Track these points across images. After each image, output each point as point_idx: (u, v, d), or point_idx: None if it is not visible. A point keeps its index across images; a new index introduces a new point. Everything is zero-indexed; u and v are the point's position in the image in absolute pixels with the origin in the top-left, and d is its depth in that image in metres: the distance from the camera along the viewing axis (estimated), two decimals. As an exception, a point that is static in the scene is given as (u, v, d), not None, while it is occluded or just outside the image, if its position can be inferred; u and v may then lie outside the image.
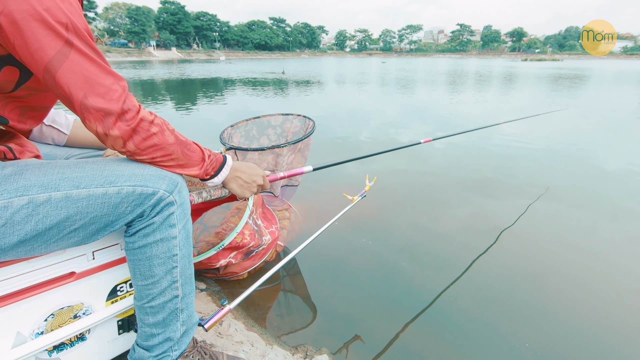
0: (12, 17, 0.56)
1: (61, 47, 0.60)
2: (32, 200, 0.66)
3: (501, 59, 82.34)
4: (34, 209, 0.66)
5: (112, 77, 0.67)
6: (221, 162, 0.90)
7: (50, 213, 0.68)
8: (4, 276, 0.74)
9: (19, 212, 0.65)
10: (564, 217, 2.48)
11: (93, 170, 0.73)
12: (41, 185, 0.68)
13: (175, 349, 0.89)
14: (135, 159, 0.77)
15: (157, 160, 0.78)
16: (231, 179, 0.94)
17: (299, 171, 1.20)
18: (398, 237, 2.20)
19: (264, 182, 1.01)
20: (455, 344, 1.35)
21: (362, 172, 3.37)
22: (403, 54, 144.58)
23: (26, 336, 0.80)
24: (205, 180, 0.89)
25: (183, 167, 0.82)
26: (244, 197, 0.98)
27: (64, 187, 0.69)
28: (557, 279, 1.79)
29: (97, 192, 0.72)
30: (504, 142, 4.55)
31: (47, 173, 0.70)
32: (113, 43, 69.80)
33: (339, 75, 20.16)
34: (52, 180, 0.69)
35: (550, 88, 12.56)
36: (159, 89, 11.75)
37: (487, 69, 28.25)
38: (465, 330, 1.42)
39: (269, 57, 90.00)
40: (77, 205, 0.70)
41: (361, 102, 8.78)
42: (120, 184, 0.74)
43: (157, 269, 0.82)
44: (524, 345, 1.34)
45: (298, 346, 1.30)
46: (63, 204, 0.69)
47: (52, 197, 0.68)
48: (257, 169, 0.99)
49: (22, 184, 0.66)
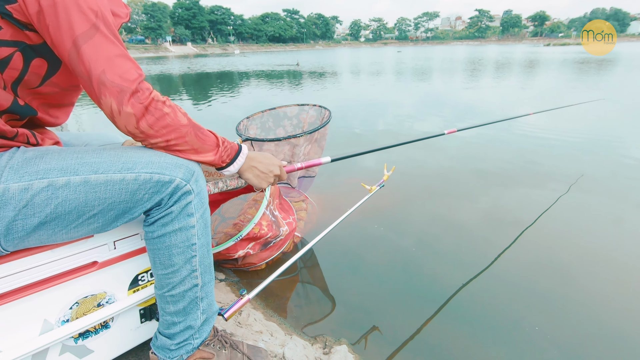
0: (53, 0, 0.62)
1: (89, 28, 0.65)
2: (51, 183, 0.67)
3: (522, 45, 79.48)
4: (54, 192, 0.68)
5: (131, 63, 0.70)
6: (236, 150, 0.89)
7: (69, 197, 0.69)
8: (30, 265, 0.76)
9: (39, 194, 0.67)
10: (591, 209, 2.38)
11: (111, 157, 0.74)
12: (61, 169, 0.69)
13: (196, 337, 0.90)
14: (149, 143, 0.77)
15: (171, 144, 0.77)
16: (247, 169, 0.93)
17: (317, 162, 1.18)
18: (417, 228, 2.16)
19: (280, 172, 0.99)
20: (473, 337, 1.32)
21: (379, 164, 3.33)
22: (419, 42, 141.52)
23: (53, 323, 0.83)
24: (221, 169, 0.89)
25: (198, 151, 0.81)
26: (261, 187, 0.97)
27: (82, 171, 0.70)
28: (583, 272, 1.72)
29: (115, 177, 0.72)
30: (526, 132, 4.38)
31: (66, 158, 0.71)
32: (131, 40, 71.05)
33: (354, 65, 19.93)
34: (71, 164, 0.70)
35: (575, 74, 12.05)
36: (175, 84, 11.92)
37: (507, 56, 27.32)
38: (485, 323, 1.39)
39: (283, 49, 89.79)
40: (95, 190, 0.71)
41: (377, 93, 8.65)
42: (138, 171, 0.74)
43: (177, 258, 0.82)
44: (546, 339, 1.30)
45: (317, 336, 1.30)
46: (82, 188, 0.70)
47: (71, 181, 0.69)
48: (273, 159, 0.98)
49: (43, 167, 0.68)
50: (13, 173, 0.66)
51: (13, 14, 0.62)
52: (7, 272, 0.73)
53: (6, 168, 0.66)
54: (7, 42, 0.64)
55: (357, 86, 10.21)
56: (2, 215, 0.65)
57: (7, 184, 0.65)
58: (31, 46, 0.67)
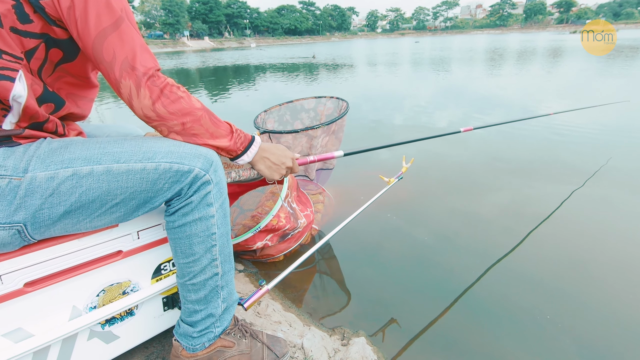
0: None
1: (115, 20, 0.70)
2: (76, 172, 0.70)
3: (546, 33, 76.45)
4: (78, 181, 0.70)
5: (150, 54, 0.75)
6: (250, 140, 0.90)
7: (92, 185, 0.71)
8: (59, 253, 0.79)
9: (64, 183, 0.69)
10: (612, 203, 2.28)
11: (132, 147, 0.76)
12: (84, 158, 0.71)
13: (217, 326, 0.92)
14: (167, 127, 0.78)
15: (187, 127, 0.79)
16: (259, 160, 0.93)
17: (330, 155, 1.17)
18: (434, 221, 2.13)
19: (293, 164, 0.99)
20: (490, 330, 1.30)
21: (396, 156, 3.28)
22: (438, 32, 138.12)
23: (81, 310, 0.86)
24: (235, 159, 0.89)
25: (214, 136, 0.82)
26: (273, 179, 0.97)
27: (105, 161, 0.72)
28: (602, 267, 1.65)
29: (136, 167, 0.74)
30: (546, 124, 4.22)
31: (89, 148, 0.73)
32: (149, 35, 72.28)
33: (370, 57, 19.66)
34: (94, 154, 0.72)
35: (603, 63, 11.51)
36: (193, 78, 12.07)
37: (531, 45, 26.34)
38: (502, 316, 1.36)
39: (299, 42, 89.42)
40: (117, 179, 0.73)
41: (394, 85, 8.52)
42: (158, 160, 0.76)
43: (197, 247, 0.84)
44: (563, 332, 1.26)
45: (335, 328, 1.30)
46: (104, 177, 0.72)
47: (94, 170, 0.71)
48: (286, 150, 0.98)
49: (67, 157, 0.71)
50: (40, 162, 0.68)
51: (46, 8, 0.67)
52: (38, 260, 0.76)
53: (33, 157, 0.68)
54: (35, 35, 0.69)
55: (373, 78, 10.07)
56: (30, 203, 0.67)
57: (34, 173, 0.67)
58: (54, 39, 0.72)
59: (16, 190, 0.66)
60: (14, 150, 0.68)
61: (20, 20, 0.67)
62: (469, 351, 1.22)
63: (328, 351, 1.15)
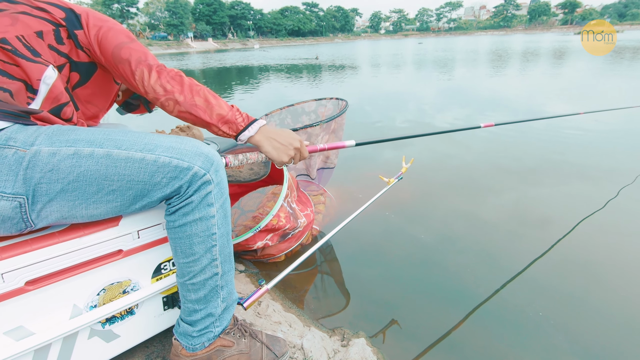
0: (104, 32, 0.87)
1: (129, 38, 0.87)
2: (77, 151, 0.73)
3: (551, 34, 76.05)
4: (78, 160, 0.73)
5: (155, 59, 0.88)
6: (252, 119, 0.93)
7: (91, 167, 0.74)
8: (60, 252, 0.79)
9: (65, 160, 0.72)
10: (621, 207, 2.26)
11: (135, 137, 0.79)
12: (88, 140, 0.75)
13: (217, 325, 0.92)
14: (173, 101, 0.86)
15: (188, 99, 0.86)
16: (265, 140, 0.93)
17: (341, 144, 1.14)
18: (436, 221, 2.12)
19: (301, 147, 0.98)
20: (492, 333, 1.29)
21: (397, 157, 3.28)
22: (441, 33, 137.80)
23: (81, 308, 0.86)
24: (237, 135, 0.91)
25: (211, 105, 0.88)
26: (281, 161, 0.95)
27: (106, 145, 0.75)
28: (611, 271, 1.64)
29: (136, 156, 0.76)
30: (553, 126, 4.21)
31: (95, 133, 0.78)
32: (154, 37, 72.70)
33: (373, 58, 19.65)
34: (98, 138, 0.76)
35: (608, 64, 11.44)
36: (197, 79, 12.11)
37: (535, 45, 26.23)
38: (504, 319, 1.35)
39: (302, 43, 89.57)
40: (115, 164, 0.75)
41: (398, 86, 8.51)
42: (158, 153, 0.78)
43: (197, 247, 0.84)
44: (568, 338, 1.25)
45: (335, 329, 1.30)
46: (104, 160, 0.74)
47: (95, 152, 0.74)
48: (292, 133, 0.97)
49: (73, 137, 0.75)
50: (47, 139, 0.72)
51: (78, 37, 0.85)
52: (39, 259, 0.77)
53: (41, 134, 0.73)
54: (64, 54, 0.84)
55: (376, 79, 10.07)
56: (30, 176, 0.70)
57: (39, 147, 0.71)
58: (76, 62, 0.86)
59: (20, 162, 0.69)
60: (27, 128, 0.73)
61: (57, 41, 0.83)
62: (470, 353, 1.22)
63: (328, 352, 1.15)
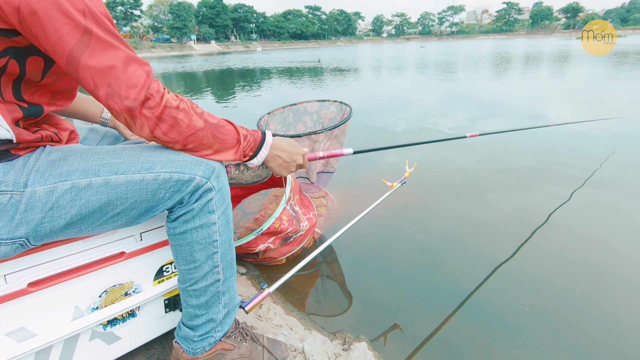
0: (31, 7, 0.56)
1: (80, 36, 0.60)
2: (74, 185, 0.69)
3: (553, 38, 76.10)
4: (77, 194, 0.69)
5: (135, 63, 0.66)
6: (259, 141, 0.87)
7: (92, 198, 0.70)
8: (62, 254, 0.79)
9: (64, 196, 0.68)
10: (620, 210, 2.25)
11: (130, 157, 0.75)
12: (82, 170, 0.70)
13: (218, 330, 0.91)
14: (170, 146, 0.77)
15: (188, 148, 0.77)
16: (270, 158, 0.92)
17: (339, 152, 1.17)
18: (438, 226, 2.12)
19: (303, 161, 0.99)
20: (495, 339, 1.28)
21: (400, 161, 3.28)
22: (443, 37, 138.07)
23: (83, 310, 0.86)
24: (245, 161, 0.89)
25: (217, 152, 0.80)
26: (282, 175, 0.97)
27: (103, 172, 0.71)
28: (612, 275, 1.63)
29: (135, 178, 0.73)
30: (554, 130, 4.20)
31: (87, 159, 0.72)
32: (157, 39, 73.03)
33: (375, 61, 19.69)
34: (92, 166, 0.71)
35: (610, 68, 11.42)
36: (199, 81, 12.16)
37: (537, 50, 26.23)
38: (508, 326, 1.34)
39: (304, 46, 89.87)
40: (116, 190, 0.72)
41: (399, 90, 8.52)
42: (157, 171, 0.74)
43: (198, 254, 0.83)
44: (571, 343, 1.24)
45: (336, 332, 1.29)
46: (103, 189, 0.71)
47: (92, 183, 0.70)
48: (297, 147, 0.97)
49: (66, 169, 0.69)
50: (39, 176, 0.67)
51: None
52: (42, 260, 0.77)
53: (32, 171, 0.67)
54: None
55: (378, 82, 10.09)
56: (31, 218, 0.66)
57: (34, 187, 0.66)
58: (21, 48, 0.63)
59: (17, 206, 0.65)
60: (14, 164, 0.66)
61: None
62: (472, 358, 1.21)
63: (329, 355, 1.14)
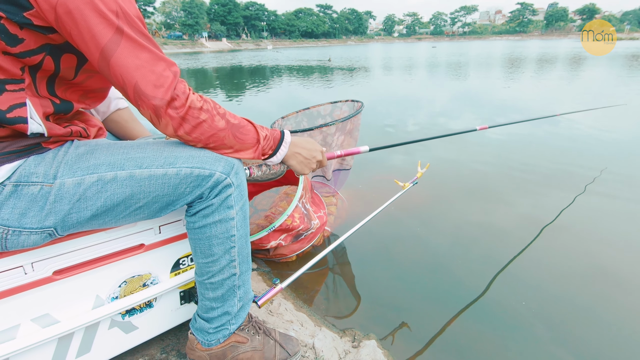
0: (67, 6, 0.59)
1: (112, 34, 0.63)
2: (100, 178, 0.72)
3: (568, 40, 74.71)
4: (103, 186, 0.72)
5: (163, 63, 0.69)
6: (278, 139, 0.89)
7: (117, 190, 0.73)
8: (86, 244, 0.82)
9: (90, 188, 0.71)
10: (634, 213, 2.22)
11: (154, 152, 0.78)
12: (108, 164, 0.73)
13: (232, 323, 0.94)
14: (192, 144, 0.80)
15: (210, 147, 0.80)
16: (291, 156, 0.93)
17: (355, 150, 1.17)
18: (449, 227, 2.11)
19: (322, 158, 1.00)
20: (503, 340, 1.28)
21: (410, 161, 3.28)
22: (455, 37, 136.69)
23: (104, 299, 0.89)
24: (264, 160, 0.91)
25: (237, 151, 0.83)
26: (303, 173, 0.98)
27: (128, 166, 0.74)
28: (624, 279, 1.61)
29: (158, 172, 0.76)
30: (568, 131, 4.15)
31: (113, 153, 0.75)
32: (169, 36, 73.81)
33: (386, 61, 19.60)
34: (118, 159, 0.74)
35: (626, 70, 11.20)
36: (210, 79, 12.26)
37: (551, 51, 25.83)
38: (516, 327, 1.34)
39: (315, 44, 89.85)
40: (140, 184, 0.75)
41: (410, 90, 8.48)
42: (179, 166, 0.77)
43: (216, 248, 0.86)
44: (578, 345, 1.24)
45: (346, 330, 1.31)
46: (127, 182, 0.74)
47: (118, 176, 0.73)
48: (315, 144, 0.98)
49: (93, 163, 0.73)
50: (68, 169, 0.71)
51: (33, 21, 0.60)
52: (67, 250, 0.80)
53: (62, 164, 0.71)
54: (34, 51, 0.64)
55: (389, 82, 10.05)
56: (59, 209, 0.69)
57: (63, 179, 0.69)
58: (56, 46, 0.66)
59: (47, 197, 0.68)
60: (44, 157, 0.70)
61: (10, 44, 0.60)
62: (480, 358, 1.22)
63: (339, 352, 1.16)
